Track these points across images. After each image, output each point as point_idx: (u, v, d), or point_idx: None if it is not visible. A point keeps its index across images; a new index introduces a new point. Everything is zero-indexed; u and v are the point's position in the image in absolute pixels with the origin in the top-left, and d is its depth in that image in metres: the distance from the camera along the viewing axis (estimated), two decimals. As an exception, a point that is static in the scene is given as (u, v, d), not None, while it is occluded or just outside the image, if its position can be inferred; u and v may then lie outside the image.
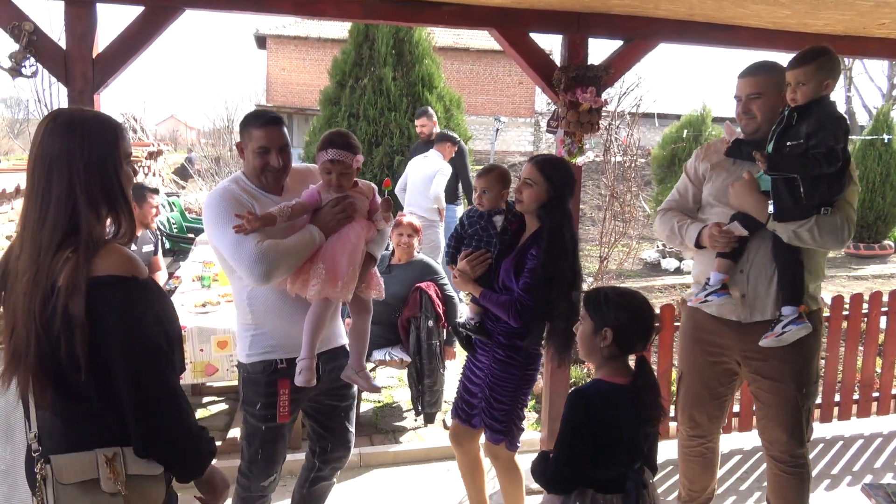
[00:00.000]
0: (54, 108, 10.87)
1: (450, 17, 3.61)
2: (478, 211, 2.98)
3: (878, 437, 4.41)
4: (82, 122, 1.63)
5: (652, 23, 3.80)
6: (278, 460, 2.70)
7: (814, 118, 2.46)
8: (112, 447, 1.62)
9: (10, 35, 3.13)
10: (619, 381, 2.08)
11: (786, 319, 2.63)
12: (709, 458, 3.10)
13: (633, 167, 6.32)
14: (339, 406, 2.80)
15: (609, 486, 2.05)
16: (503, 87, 24.70)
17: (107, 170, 1.63)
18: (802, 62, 2.48)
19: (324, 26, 23.34)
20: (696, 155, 3.02)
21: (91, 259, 1.55)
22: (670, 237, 2.97)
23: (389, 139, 10.16)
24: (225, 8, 3.48)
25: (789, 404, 2.78)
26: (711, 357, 2.93)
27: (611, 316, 2.08)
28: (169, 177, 16.74)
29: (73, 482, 1.60)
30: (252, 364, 2.60)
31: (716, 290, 2.71)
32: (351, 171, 2.50)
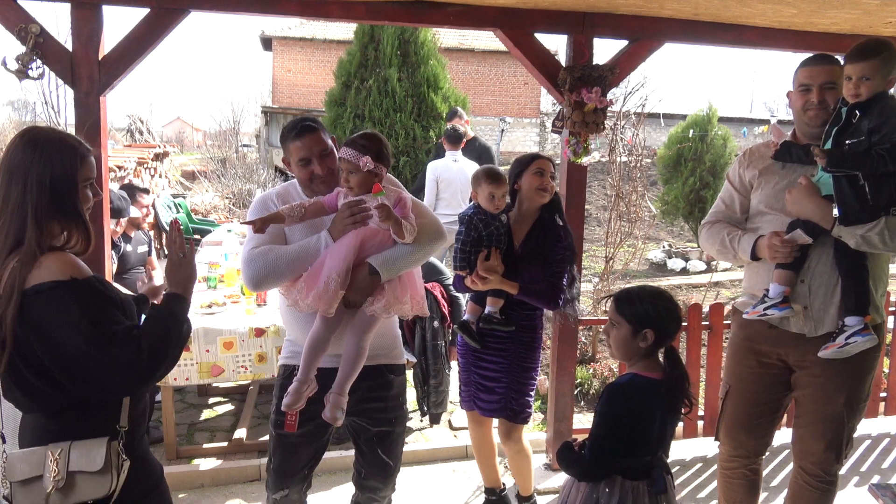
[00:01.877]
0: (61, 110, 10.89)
1: (455, 18, 3.61)
2: (489, 213, 2.98)
3: (885, 438, 4.39)
4: (46, 143, 1.74)
5: (657, 22, 3.79)
6: (288, 474, 2.58)
7: (876, 113, 2.31)
8: (63, 442, 1.71)
9: (17, 37, 3.15)
10: (655, 376, 2.13)
11: (850, 330, 2.45)
12: (753, 479, 2.90)
13: (638, 167, 6.30)
14: (369, 430, 2.60)
15: (636, 473, 2.10)
16: (508, 87, 24.69)
17: (60, 190, 1.73)
18: (868, 55, 2.31)
19: (329, 28, 23.36)
20: (739, 162, 2.83)
21: (30, 269, 1.65)
22: (721, 251, 2.78)
23: (395, 140, 10.16)
24: (231, 9, 3.49)
25: (835, 419, 2.62)
26: (766, 368, 2.74)
27: (650, 316, 2.11)
28: (175, 178, 16.78)
29: (18, 480, 1.71)
30: (279, 367, 2.65)
31: (776, 303, 2.53)
32: (358, 171, 2.32)
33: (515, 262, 3.02)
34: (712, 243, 2.82)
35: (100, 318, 1.67)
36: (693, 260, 10.76)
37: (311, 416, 2.44)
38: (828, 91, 2.51)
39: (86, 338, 1.62)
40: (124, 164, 9.95)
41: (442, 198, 6.54)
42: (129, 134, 22.92)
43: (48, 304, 1.63)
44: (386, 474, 2.66)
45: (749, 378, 2.79)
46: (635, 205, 6.14)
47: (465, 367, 3.24)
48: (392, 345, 2.64)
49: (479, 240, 2.97)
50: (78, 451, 1.70)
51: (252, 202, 2.59)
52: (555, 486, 3.68)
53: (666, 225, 13.35)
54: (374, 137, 2.40)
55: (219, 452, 4.07)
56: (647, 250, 10.84)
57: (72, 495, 1.69)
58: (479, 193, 2.98)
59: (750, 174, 2.76)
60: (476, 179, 3.00)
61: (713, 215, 2.90)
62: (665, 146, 12.39)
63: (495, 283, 2.93)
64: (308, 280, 2.29)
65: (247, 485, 3.76)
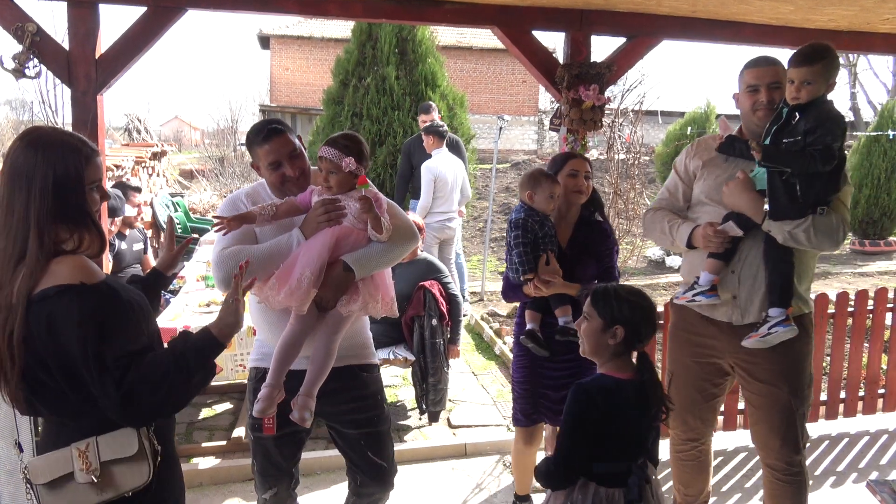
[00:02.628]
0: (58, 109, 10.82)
1: (452, 16, 3.61)
2: (542, 214, 2.92)
3: (883, 434, 4.39)
4: (49, 145, 1.65)
5: (655, 20, 3.79)
6: (271, 475, 2.57)
7: (813, 116, 2.43)
8: (87, 438, 1.65)
9: (14, 36, 3.14)
10: (623, 377, 2.09)
11: (772, 321, 2.58)
12: (702, 461, 3.03)
13: (636, 165, 6.31)
14: (353, 433, 2.56)
15: (611, 481, 2.05)
16: (506, 85, 24.68)
17: (66, 193, 1.65)
18: (810, 61, 2.42)
19: (327, 26, 23.34)
20: (687, 152, 2.93)
21: (37, 275, 1.59)
22: (661, 237, 2.89)
23: (393, 138, 10.15)
24: (228, 8, 3.48)
25: (782, 408, 2.71)
26: (702, 357, 2.86)
27: (624, 314, 2.08)
28: (173, 177, 16.77)
29: (45, 482, 1.65)
30: (249, 370, 2.60)
31: (704, 290, 2.66)
32: (339, 171, 2.30)
33: (566, 262, 2.95)
34: (653, 229, 2.92)
35: (102, 331, 1.59)
36: (691, 257, 10.77)
37: (287, 417, 2.41)
38: (774, 91, 2.61)
39: (83, 350, 1.56)
40: (122, 163, 9.93)
41: (438, 196, 6.56)
42: (126, 133, 22.90)
43: (53, 308, 1.57)
44: (382, 478, 2.62)
45: (689, 365, 2.90)
46: (633, 202, 6.15)
47: (524, 380, 3.11)
48: (363, 344, 2.61)
49: (536, 242, 2.89)
50: (106, 441, 1.65)
51: (224, 203, 2.55)
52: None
53: (664, 222, 13.36)
54: (355, 138, 2.39)
55: (217, 451, 4.07)
56: (646, 248, 10.84)
57: (111, 487, 1.64)
58: (539, 193, 2.89)
59: (694, 165, 2.85)
60: (534, 180, 2.91)
61: (657, 202, 2.99)
62: (663, 143, 12.41)
63: (559, 287, 2.86)
64: (280, 277, 2.24)
65: (245, 483, 3.76)
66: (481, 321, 6.70)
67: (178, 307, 4.41)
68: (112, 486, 1.65)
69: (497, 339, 6.11)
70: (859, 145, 11.71)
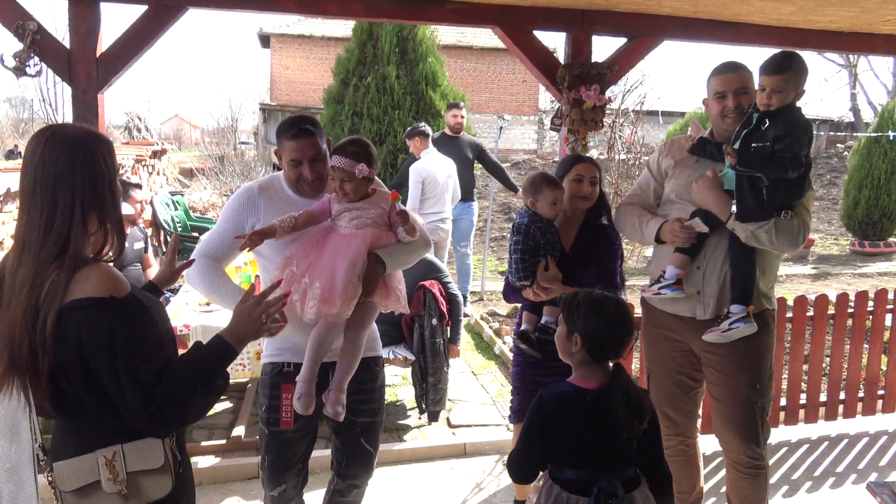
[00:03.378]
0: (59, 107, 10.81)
1: (453, 15, 3.61)
2: (545, 220, 2.90)
3: (883, 435, 4.40)
4: (83, 139, 1.68)
5: (656, 20, 3.79)
6: (283, 470, 2.59)
7: (781, 123, 2.49)
8: (112, 446, 1.66)
9: (15, 34, 3.14)
10: (585, 386, 2.05)
11: (733, 317, 2.65)
12: (690, 455, 3.06)
13: (637, 165, 6.31)
14: (354, 421, 2.62)
15: (580, 488, 2.01)
16: (507, 85, 24.68)
17: (103, 185, 1.68)
18: (779, 69, 2.49)
19: (327, 25, 23.33)
20: (660, 151, 3.02)
21: (70, 279, 1.60)
22: (631, 231, 2.97)
23: (393, 137, 10.15)
24: (228, 6, 3.48)
25: (742, 401, 2.77)
26: (675, 350, 2.92)
27: (580, 323, 2.06)
28: (173, 176, 16.75)
29: (71, 489, 1.66)
30: (264, 365, 2.62)
31: (670, 283, 2.73)
32: (353, 179, 2.36)
33: (568, 266, 2.94)
34: (624, 223, 2.99)
35: (130, 346, 1.61)
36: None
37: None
38: (742, 96, 2.67)
39: (111, 365, 1.59)
40: (122, 161, 9.93)
41: (429, 197, 6.55)
42: (126, 131, 22.90)
43: (84, 321, 1.58)
44: (367, 462, 2.72)
45: (664, 360, 2.97)
46: (634, 202, 6.15)
47: (520, 375, 3.13)
48: (373, 337, 2.69)
49: (537, 249, 2.88)
50: (132, 451, 1.68)
51: (234, 193, 2.59)
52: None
53: (664, 222, 13.36)
54: (362, 143, 2.43)
55: (217, 450, 4.07)
56: (646, 248, 10.85)
57: (136, 498, 1.67)
58: (541, 200, 2.88)
59: (666, 163, 2.92)
60: (535, 185, 2.89)
61: (629, 198, 3.06)
62: (664, 143, 12.39)
63: (557, 292, 2.83)
64: (326, 290, 2.26)
65: (245, 482, 3.76)
66: (481, 321, 6.70)
67: (178, 306, 4.41)
68: (138, 496, 1.67)
69: (497, 339, 6.11)
70: (859, 146, 11.69)
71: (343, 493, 2.78)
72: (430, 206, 6.55)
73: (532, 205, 2.91)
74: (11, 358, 1.62)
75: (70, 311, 1.58)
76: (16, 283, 1.63)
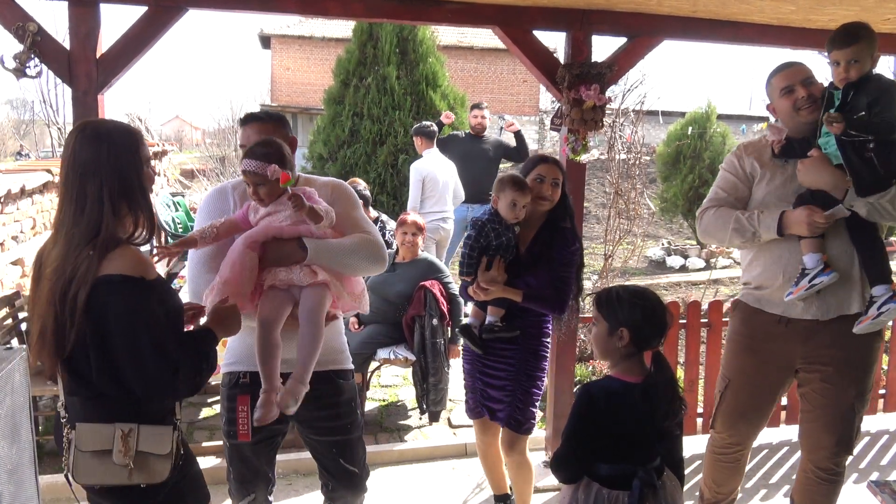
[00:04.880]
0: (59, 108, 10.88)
1: (453, 16, 3.61)
2: (503, 222, 2.86)
3: (884, 434, 4.39)
4: (108, 132, 1.85)
5: (656, 19, 3.79)
6: (248, 481, 2.52)
7: (872, 88, 2.43)
8: (130, 423, 1.83)
9: (15, 36, 3.14)
10: (631, 380, 2.07)
11: (880, 300, 2.52)
12: (741, 462, 3.01)
13: (637, 165, 6.30)
14: (326, 441, 2.52)
15: (616, 483, 2.04)
16: (507, 85, 24.67)
17: (129, 174, 1.84)
18: (852, 40, 2.44)
19: (328, 26, 23.33)
20: (737, 155, 2.83)
21: (104, 257, 1.75)
22: (736, 230, 2.69)
23: (394, 138, 10.16)
24: (229, 7, 3.48)
25: (846, 412, 2.67)
26: (769, 364, 2.78)
27: (626, 315, 2.06)
28: (174, 177, 16.77)
29: (89, 450, 1.82)
30: (223, 375, 2.51)
31: (819, 270, 2.52)
32: (266, 181, 2.18)
33: (520, 267, 2.91)
34: (722, 224, 2.74)
35: (154, 324, 1.77)
36: (692, 257, 10.76)
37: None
38: (810, 86, 2.62)
39: (133, 340, 1.74)
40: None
41: (429, 196, 6.56)
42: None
43: (113, 296, 1.73)
44: (353, 483, 2.58)
45: (750, 372, 2.83)
46: (634, 202, 6.14)
47: (470, 373, 3.14)
48: (339, 349, 2.55)
49: (487, 248, 2.85)
50: (147, 433, 1.84)
51: (207, 194, 2.53)
52: (553, 485, 3.68)
53: (665, 222, 13.36)
54: (272, 143, 2.27)
55: (218, 451, 4.07)
56: (646, 248, 10.84)
57: (139, 474, 1.82)
58: (501, 199, 2.84)
59: (750, 165, 2.77)
60: (500, 185, 2.85)
61: (714, 201, 2.84)
62: (664, 143, 12.39)
63: (497, 293, 2.84)
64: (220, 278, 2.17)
65: (246, 483, 3.75)
66: (482, 321, 6.68)
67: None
68: (141, 473, 1.83)
69: (498, 339, 6.10)
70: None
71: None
72: (430, 205, 6.56)
73: (494, 203, 2.88)
74: (41, 332, 1.79)
75: (102, 286, 1.73)
76: (48, 264, 1.81)
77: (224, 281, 2.16)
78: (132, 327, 1.74)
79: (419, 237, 4.58)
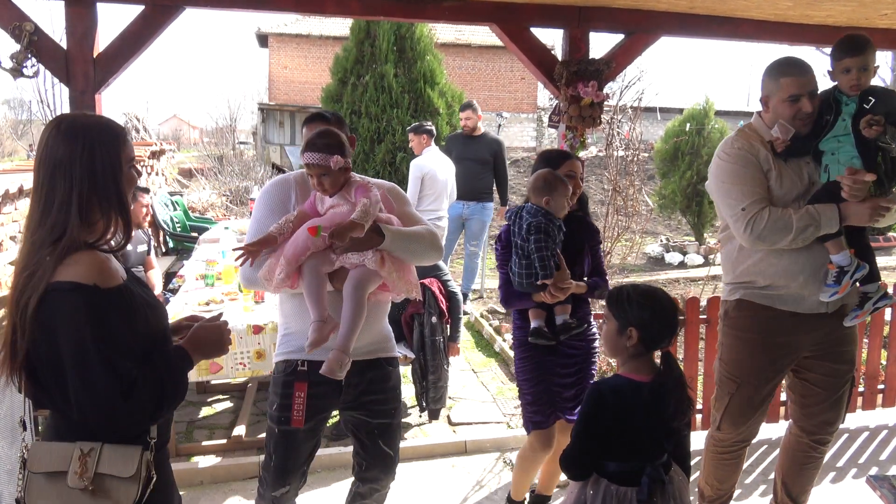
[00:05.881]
0: (57, 108, 10.86)
1: (450, 13, 3.61)
2: (556, 218, 2.88)
3: (883, 429, 4.40)
4: (85, 129, 1.69)
5: (653, 16, 3.79)
6: (291, 470, 2.55)
7: (881, 97, 2.54)
8: (92, 442, 1.63)
9: (11, 35, 3.14)
10: (640, 378, 2.09)
11: (875, 296, 2.71)
12: (743, 457, 3.07)
13: (635, 161, 6.30)
14: (370, 423, 2.61)
15: (624, 479, 2.06)
16: (505, 82, 24.65)
17: (105, 175, 1.68)
18: (864, 48, 2.54)
19: (325, 24, 23.30)
20: (745, 147, 2.69)
21: (60, 263, 1.60)
22: (801, 230, 2.56)
23: (392, 136, 10.15)
24: (225, 5, 3.48)
25: (847, 385, 2.86)
26: (780, 361, 2.82)
27: (635, 315, 2.08)
28: (172, 176, 16.75)
29: (41, 471, 1.63)
30: (277, 364, 2.57)
31: (855, 265, 2.60)
32: (330, 172, 2.31)
33: (566, 262, 2.92)
34: (784, 225, 2.57)
35: (105, 337, 1.59)
36: (690, 254, 10.77)
37: (316, 410, 2.49)
38: (813, 100, 2.61)
39: (79, 353, 1.57)
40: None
41: (427, 194, 6.58)
42: (126, 132, 22.78)
43: (61, 305, 1.58)
44: (388, 465, 2.67)
45: (761, 372, 2.84)
46: (632, 199, 6.14)
47: (539, 380, 3.03)
48: (387, 338, 2.65)
49: (555, 248, 2.85)
50: (109, 453, 1.64)
51: (267, 185, 2.59)
52: (563, 480, 3.68)
53: (663, 219, 13.37)
54: (331, 133, 2.36)
55: (218, 450, 4.07)
56: (645, 244, 10.85)
57: (97, 499, 1.61)
58: (557, 198, 2.85)
59: (765, 159, 2.68)
60: (550, 185, 2.85)
61: (758, 203, 2.61)
62: (662, 140, 12.39)
63: (573, 289, 2.87)
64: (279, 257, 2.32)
65: (246, 482, 3.76)
66: (481, 318, 6.70)
67: (177, 306, 4.41)
68: (98, 497, 1.62)
69: (497, 337, 6.12)
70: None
71: (364, 497, 2.75)
72: (427, 203, 6.57)
73: (546, 203, 2.86)
74: (6, 337, 1.65)
75: (50, 293, 1.59)
76: (17, 268, 1.67)
77: (287, 258, 2.28)
78: (79, 339, 1.56)
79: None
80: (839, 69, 2.58)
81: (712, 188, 2.82)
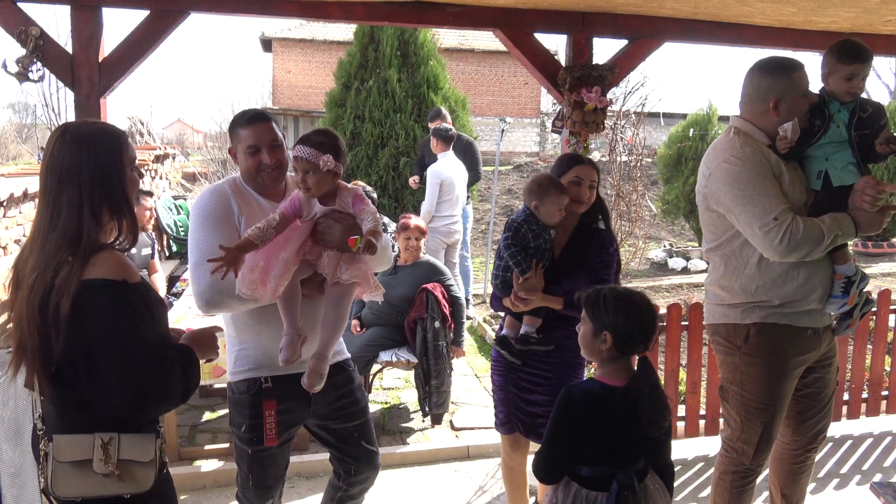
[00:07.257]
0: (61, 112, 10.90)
1: (454, 18, 3.62)
2: (540, 224, 2.73)
3: (887, 436, 4.39)
4: (89, 136, 1.78)
5: (656, 22, 3.79)
6: (271, 485, 2.53)
7: (876, 109, 2.57)
8: (110, 432, 1.75)
9: (17, 40, 3.16)
10: (614, 383, 2.05)
11: (861, 303, 2.71)
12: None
13: (638, 167, 6.31)
14: (346, 427, 2.57)
15: (595, 484, 2.03)
16: (508, 87, 24.69)
17: (111, 179, 1.78)
18: (868, 54, 2.54)
19: (329, 29, 23.37)
20: (759, 153, 2.54)
21: (86, 263, 1.70)
22: (832, 240, 2.46)
23: (395, 141, 10.16)
24: (230, 11, 3.49)
25: (833, 392, 2.90)
26: (796, 379, 2.73)
27: (610, 319, 2.03)
28: (176, 180, 16.79)
29: (68, 461, 1.73)
30: (236, 383, 2.44)
31: (861, 275, 2.63)
32: (317, 171, 2.17)
33: (556, 272, 2.75)
34: (818, 235, 2.43)
35: (142, 326, 1.72)
36: (694, 259, 10.75)
37: (287, 425, 2.46)
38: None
39: (121, 343, 1.68)
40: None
41: (445, 200, 6.61)
42: (129, 136, 22.86)
43: (96, 300, 1.68)
44: (374, 461, 2.68)
45: (788, 394, 2.72)
46: (636, 204, 6.15)
47: (502, 386, 2.97)
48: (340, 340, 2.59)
49: (525, 251, 2.70)
50: (128, 441, 1.76)
51: (203, 200, 2.35)
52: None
53: (667, 224, 13.35)
54: (330, 133, 2.27)
55: (220, 454, 4.07)
56: (648, 250, 10.83)
57: (122, 484, 1.74)
58: (546, 204, 2.69)
59: (775, 163, 2.55)
60: (542, 190, 2.69)
61: (788, 211, 2.43)
62: (665, 145, 12.38)
63: (538, 302, 2.70)
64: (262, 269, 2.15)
65: (248, 486, 3.75)
66: (484, 323, 6.69)
67: (180, 309, 4.41)
68: (128, 481, 1.75)
69: (499, 342, 6.10)
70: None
71: (354, 496, 2.73)
72: (445, 208, 6.63)
73: (535, 208, 2.73)
74: (20, 343, 1.73)
75: (84, 291, 1.67)
76: (26, 272, 1.74)
77: (284, 260, 2.18)
78: (119, 330, 1.68)
79: (422, 241, 4.59)
80: (842, 75, 2.52)
81: (726, 197, 2.54)
